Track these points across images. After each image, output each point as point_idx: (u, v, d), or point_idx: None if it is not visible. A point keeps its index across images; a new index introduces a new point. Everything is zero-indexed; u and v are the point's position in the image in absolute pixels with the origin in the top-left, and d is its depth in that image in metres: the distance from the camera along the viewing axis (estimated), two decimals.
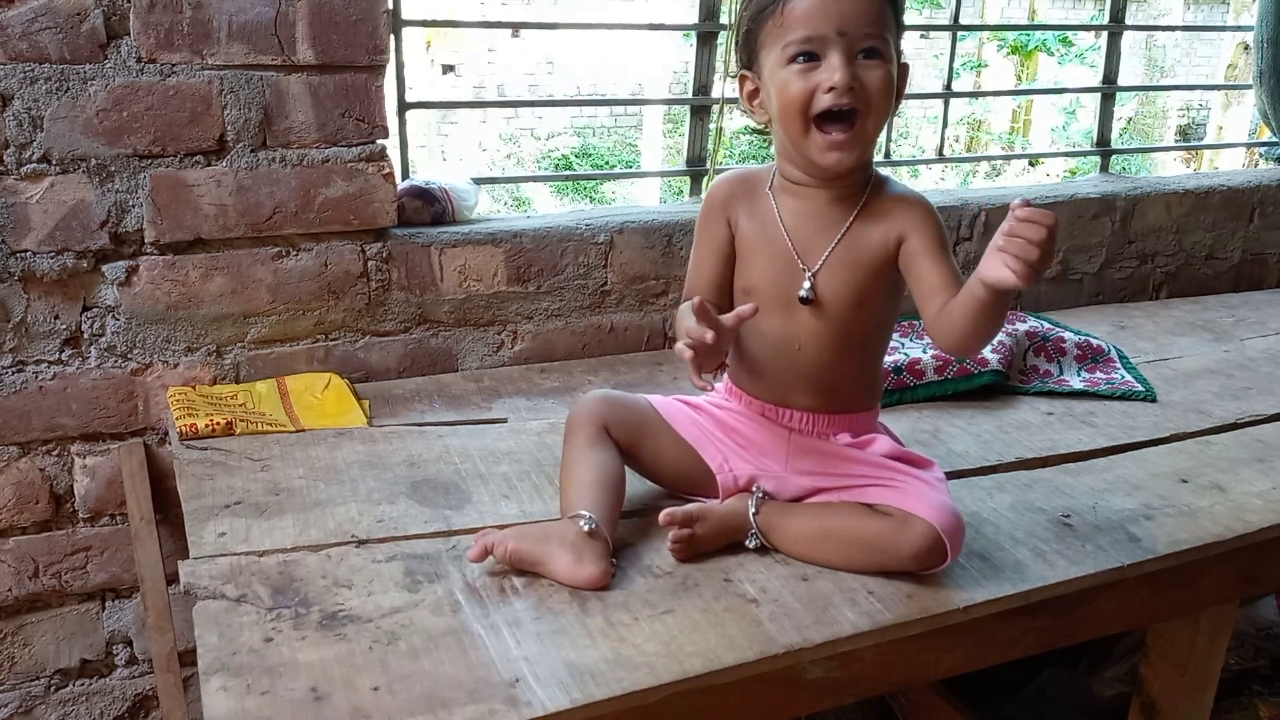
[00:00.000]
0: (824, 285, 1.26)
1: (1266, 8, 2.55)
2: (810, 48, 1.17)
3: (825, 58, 1.16)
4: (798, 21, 1.16)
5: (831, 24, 1.15)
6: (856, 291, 1.26)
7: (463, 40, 9.58)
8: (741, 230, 1.31)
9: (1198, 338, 2.18)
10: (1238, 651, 2.10)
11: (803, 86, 1.17)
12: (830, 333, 1.27)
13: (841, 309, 1.26)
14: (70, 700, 1.80)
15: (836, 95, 1.16)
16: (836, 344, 1.28)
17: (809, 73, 1.17)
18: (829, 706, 1.22)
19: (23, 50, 1.48)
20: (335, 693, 1.01)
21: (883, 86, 1.18)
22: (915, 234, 1.24)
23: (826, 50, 1.16)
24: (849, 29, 1.15)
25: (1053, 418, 1.74)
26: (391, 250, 1.77)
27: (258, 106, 1.62)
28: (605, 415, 1.33)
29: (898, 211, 1.25)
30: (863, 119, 1.18)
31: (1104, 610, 1.35)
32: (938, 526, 1.18)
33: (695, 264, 1.35)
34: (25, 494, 1.66)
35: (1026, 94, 10.09)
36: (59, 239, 1.56)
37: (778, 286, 1.28)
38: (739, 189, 1.32)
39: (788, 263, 1.27)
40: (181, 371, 1.69)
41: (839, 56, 1.16)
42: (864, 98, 1.17)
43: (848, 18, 1.15)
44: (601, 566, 1.18)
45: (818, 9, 1.15)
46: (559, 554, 1.18)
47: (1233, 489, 1.50)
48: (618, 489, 1.29)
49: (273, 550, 1.25)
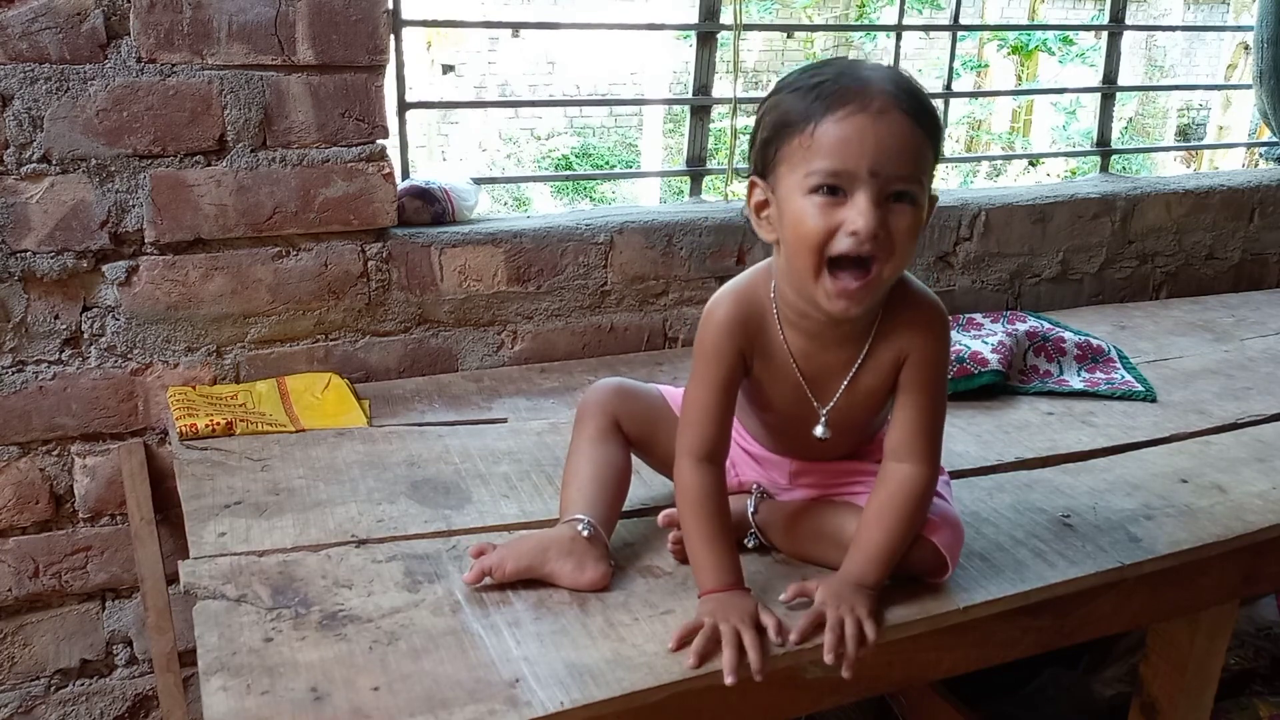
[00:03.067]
0: (837, 417, 1.21)
1: (1266, 8, 2.55)
2: (837, 182, 1.04)
3: (852, 196, 1.04)
4: (828, 150, 1.03)
5: (866, 161, 1.02)
6: (869, 411, 1.23)
7: (463, 40, 9.58)
8: (755, 368, 1.20)
9: (1198, 338, 2.18)
10: (1238, 651, 2.10)
11: (822, 224, 1.05)
12: (843, 438, 1.25)
13: (855, 426, 1.24)
14: (70, 700, 1.80)
15: (858, 242, 1.04)
16: (849, 441, 1.27)
17: (831, 209, 1.04)
18: (829, 706, 1.22)
19: (23, 50, 1.48)
20: (335, 693, 1.01)
21: (910, 235, 1.06)
22: (914, 363, 1.17)
23: (855, 188, 1.03)
24: (883, 169, 1.03)
25: (1053, 418, 1.74)
26: (391, 250, 1.77)
27: (258, 106, 1.62)
28: (617, 407, 1.31)
29: (909, 329, 1.16)
30: (879, 265, 1.06)
31: (1104, 610, 1.35)
32: (938, 543, 1.18)
33: (701, 408, 1.18)
34: (25, 494, 1.66)
35: (1026, 94, 10.08)
36: (59, 239, 1.56)
37: (793, 414, 1.22)
38: (746, 322, 1.18)
39: (800, 399, 1.20)
40: (181, 371, 1.69)
41: (867, 198, 1.03)
42: (887, 246, 1.05)
43: (884, 157, 1.02)
44: (601, 569, 1.18)
45: (854, 140, 1.02)
46: (559, 563, 1.17)
47: (1233, 489, 1.50)
48: (620, 487, 1.28)
49: (273, 550, 1.25)
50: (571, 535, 1.19)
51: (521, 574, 1.17)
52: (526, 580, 1.19)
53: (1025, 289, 2.34)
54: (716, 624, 1.08)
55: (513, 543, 1.20)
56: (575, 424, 1.32)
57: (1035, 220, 2.30)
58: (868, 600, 1.13)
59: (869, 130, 1.03)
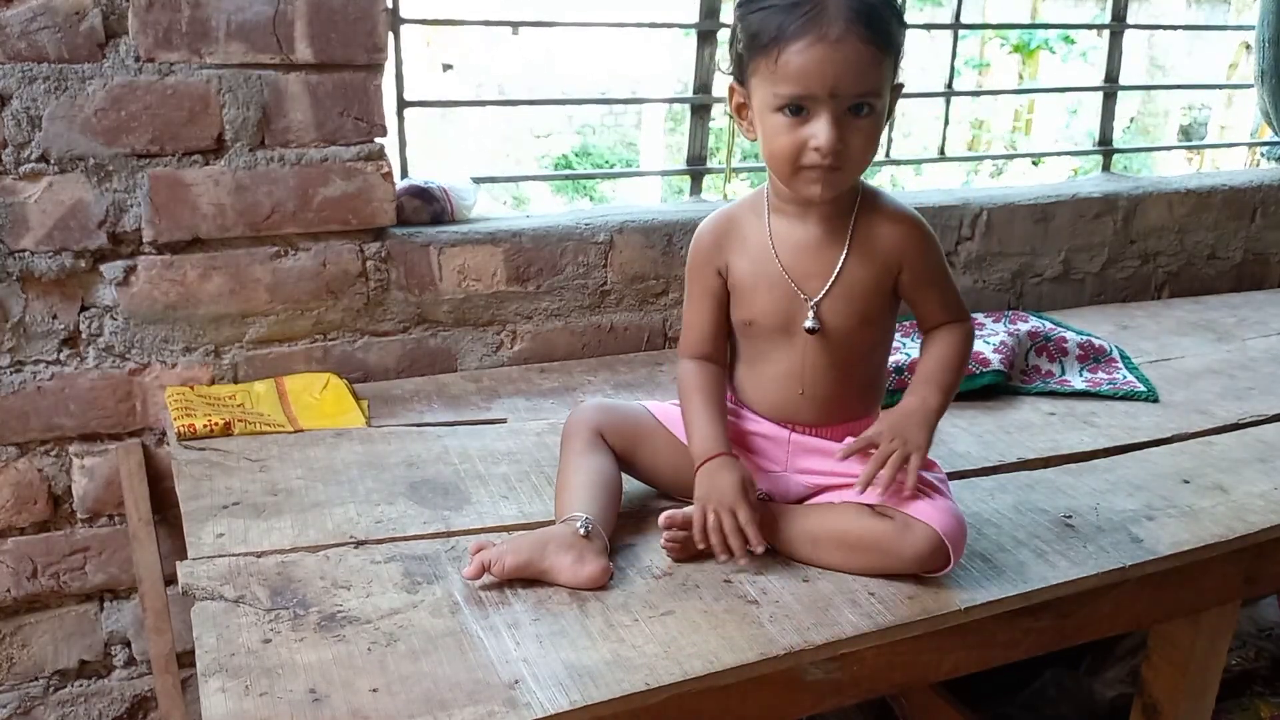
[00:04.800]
0: (828, 313, 1.26)
1: (1267, 7, 2.54)
2: (801, 104, 1.15)
3: (814, 115, 1.15)
4: (790, 76, 1.13)
5: (825, 85, 1.13)
6: (860, 315, 1.27)
7: (462, 39, 9.57)
8: (735, 272, 1.30)
9: (1200, 338, 2.17)
10: (1239, 652, 2.10)
11: (790, 140, 1.16)
12: (835, 354, 1.28)
13: (846, 333, 1.27)
14: (69, 701, 1.80)
15: (821, 156, 1.15)
16: (842, 363, 1.29)
17: (797, 126, 1.16)
18: (829, 708, 1.21)
19: (21, 50, 1.47)
20: (334, 694, 1.00)
21: (870, 141, 1.18)
22: (911, 265, 1.26)
23: (817, 108, 1.14)
24: (840, 89, 1.13)
25: (1054, 418, 1.74)
26: (390, 250, 1.77)
27: (256, 105, 1.61)
28: (600, 422, 1.33)
29: (893, 238, 1.26)
30: (847, 167, 1.19)
31: (1105, 611, 1.35)
32: (939, 530, 1.18)
33: (691, 316, 1.34)
34: (23, 494, 1.66)
35: (1028, 93, 10.08)
36: (57, 239, 1.56)
37: (780, 316, 1.28)
38: (724, 231, 1.31)
39: (787, 294, 1.27)
40: (180, 371, 1.69)
41: (828, 116, 1.14)
42: (848, 155, 1.17)
43: (840, 79, 1.12)
44: (601, 564, 1.18)
45: (813, 68, 1.12)
46: (558, 558, 1.18)
47: (1234, 489, 1.50)
48: (613, 491, 1.29)
49: (271, 551, 1.25)
50: (570, 532, 1.20)
51: (521, 569, 1.17)
52: (526, 581, 1.19)
53: (1027, 289, 2.34)
54: (706, 512, 1.20)
55: (512, 539, 1.21)
56: (562, 444, 1.34)
57: (1037, 220, 2.29)
58: (925, 431, 1.22)
59: (827, 59, 1.12)
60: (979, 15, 9.27)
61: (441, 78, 9.73)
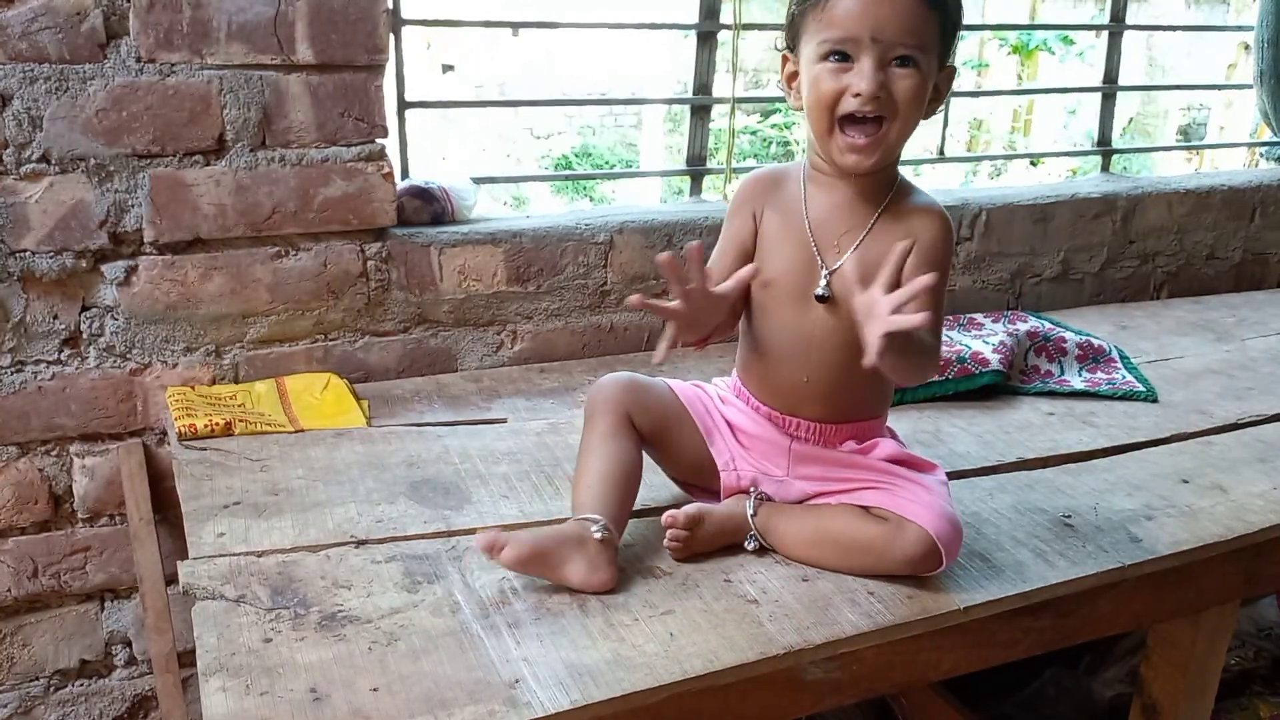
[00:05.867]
0: (840, 285, 1.25)
1: (1266, 8, 2.54)
2: (844, 48, 1.16)
3: (858, 60, 1.16)
4: (836, 20, 1.16)
5: (867, 28, 1.14)
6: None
7: (463, 39, 9.57)
8: (766, 224, 1.31)
9: (1199, 338, 2.18)
10: (1238, 652, 2.10)
11: (832, 86, 1.17)
12: (844, 333, 1.24)
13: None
14: (69, 701, 1.80)
15: (862, 102, 1.16)
16: (849, 344, 1.24)
17: (840, 73, 1.17)
18: (829, 707, 1.21)
19: (22, 50, 1.48)
20: (334, 693, 1.00)
21: (911, 96, 1.17)
22: (919, 250, 1.23)
23: (860, 53, 1.16)
24: (884, 35, 1.15)
25: (1054, 418, 1.74)
26: (391, 250, 1.77)
27: (257, 106, 1.62)
28: (629, 403, 1.29)
29: (916, 221, 1.26)
30: (887, 125, 1.18)
31: (1105, 611, 1.35)
32: (932, 532, 1.18)
33: (717, 253, 1.34)
34: (24, 494, 1.66)
35: (1027, 94, 10.08)
36: (58, 239, 1.56)
37: (796, 280, 1.27)
38: (769, 184, 1.33)
39: (808, 259, 1.27)
40: (180, 371, 1.69)
41: (871, 62, 1.15)
42: (890, 106, 1.17)
43: (884, 23, 1.14)
44: (612, 572, 1.18)
45: (856, 10, 1.15)
46: (573, 559, 1.16)
47: (1234, 489, 1.50)
48: (632, 485, 1.27)
49: (272, 551, 1.25)
50: (585, 535, 1.18)
51: (533, 559, 1.15)
52: (526, 581, 1.19)
53: (1026, 289, 2.34)
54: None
55: (528, 532, 1.18)
56: (586, 420, 1.31)
57: (1036, 220, 2.30)
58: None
59: (872, 1, 1.14)
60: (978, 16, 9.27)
61: (442, 78, 9.73)
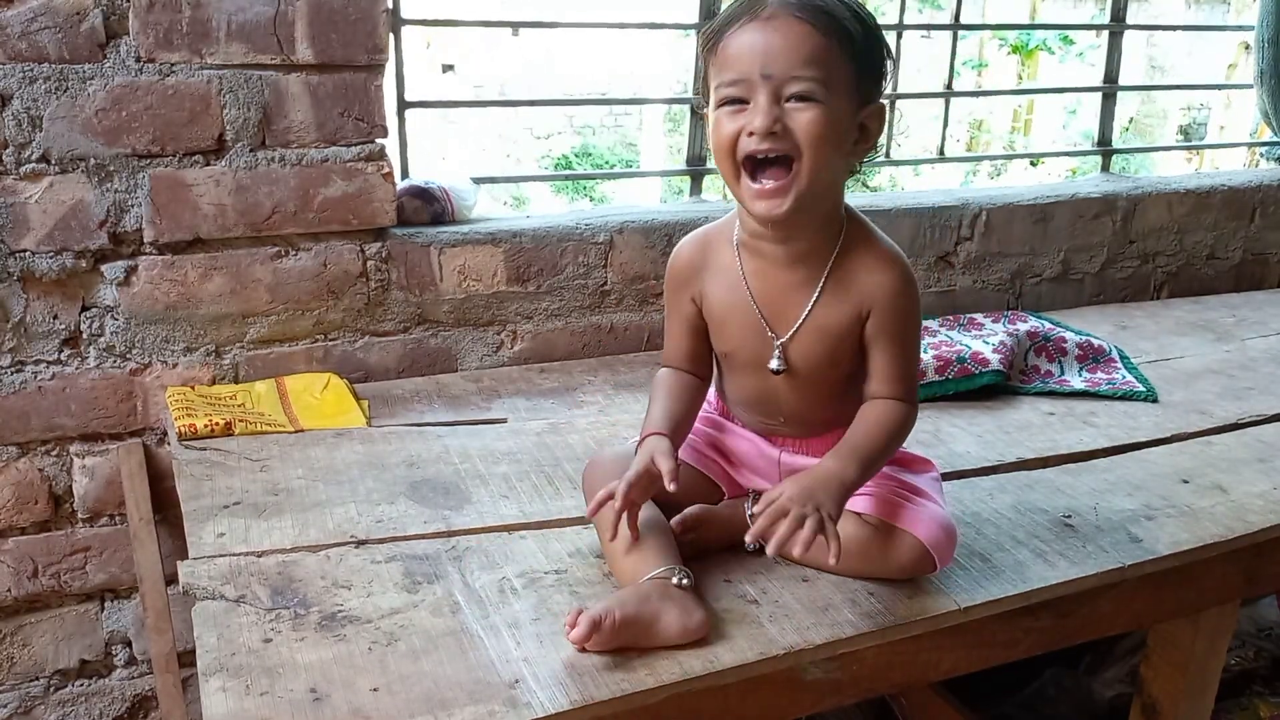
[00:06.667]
0: (795, 354, 1.22)
1: (1267, 8, 2.54)
2: (737, 92, 1.10)
3: (753, 99, 1.09)
4: (729, 61, 1.10)
5: (756, 65, 1.08)
6: (828, 357, 1.22)
7: (463, 40, 9.58)
8: (708, 301, 1.25)
9: (1199, 338, 2.18)
10: (1238, 652, 2.10)
11: (730, 129, 1.11)
12: (807, 389, 1.24)
13: (814, 372, 1.23)
14: (69, 701, 1.80)
15: (758, 140, 1.09)
16: (815, 395, 1.25)
17: (737, 115, 1.11)
18: (829, 707, 1.21)
19: (22, 50, 1.48)
20: (334, 693, 1.00)
21: (816, 132, 1.09)
22: (879, 312, 1.19)
23: (753, 93, 1.09)
24: (774, 70, 1.08)
25: (1054, 418, 1.74)
26: (391, 250, 1.77)
27: (257, 106, 1.62)
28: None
29: (870, 280, 1.19)
30: (796, 165, 1.10)
31: (1105, 611, 1.35)
32: (925, 540, 1.17)
33: (669, 334, 1.31)
34: (24, 494, 1.66)
35: (1027, 93, 10.09)
36: (58, 239, 1.56)
37: (751, 353, 1.24)
38: (696, 260, 1.26)
39: (757, 332, 1.23)
40: (180, 371, 1.69)
41: (765, 98, 1.08)
42: (791, 143, 1.09)
43: (774, 57, 1.08)
44: (704, 612, 1.12)
45: (745, 49, 1.09)
46: (666, 611, 1.09)
47: (1234, 489, 1.50)
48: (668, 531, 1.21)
49: (272, 551, 1.25)
50: (667, 586, 1.12)
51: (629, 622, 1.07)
52: (526, 581, 1.19)
53: (1026, 289, 2.34)
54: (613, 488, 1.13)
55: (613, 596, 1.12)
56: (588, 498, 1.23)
57: (1036, 220, 2.30)
58: (837, 502, 1.11)
59: (758, 36, 1.09)
60: (978, 16, 9.28)
61: (442, 78, 9.74)
